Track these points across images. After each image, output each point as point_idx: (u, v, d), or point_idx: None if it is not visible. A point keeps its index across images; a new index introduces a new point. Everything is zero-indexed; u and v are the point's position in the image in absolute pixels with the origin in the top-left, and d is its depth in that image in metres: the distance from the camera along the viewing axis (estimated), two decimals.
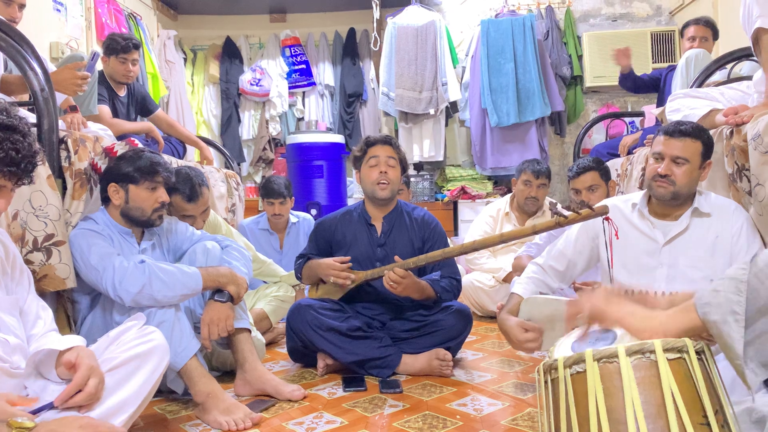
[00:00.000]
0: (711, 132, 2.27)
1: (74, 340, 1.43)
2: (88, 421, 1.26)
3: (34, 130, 1.56)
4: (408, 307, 2.52)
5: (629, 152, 3.67)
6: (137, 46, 3.45)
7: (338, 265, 2.44)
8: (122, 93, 3.52)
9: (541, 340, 1.98)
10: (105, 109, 3.25)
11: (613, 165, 3.41)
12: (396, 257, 2.35)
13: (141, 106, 3.70)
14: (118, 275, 1.91)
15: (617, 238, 2.04)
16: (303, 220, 3.86)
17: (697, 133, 1.97)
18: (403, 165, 2.59)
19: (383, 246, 2.54)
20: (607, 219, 1.99)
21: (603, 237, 2.12)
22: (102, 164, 2.23)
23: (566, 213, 1.91)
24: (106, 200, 2.17)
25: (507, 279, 3.47)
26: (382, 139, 2.56)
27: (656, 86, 4.04)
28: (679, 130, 1.96)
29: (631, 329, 1.03)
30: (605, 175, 2.93)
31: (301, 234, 3.80)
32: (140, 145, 2.45)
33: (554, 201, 3.42)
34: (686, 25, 3.80)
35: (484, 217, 3.78)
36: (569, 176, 3.02)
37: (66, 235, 1.99)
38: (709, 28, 3.71)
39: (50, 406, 1.30)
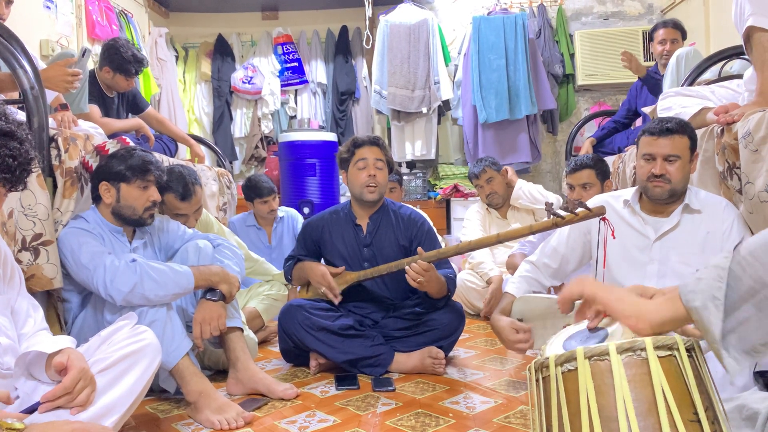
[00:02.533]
0: (702, 130, 2.28)
1: (64, 341, 1.42)
2: (80, 425, 1.25)
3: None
4: (400, 305, 2.52)
5: (620, 150, 3.69)
6: (146, 66, 3.44)
7: (330, 278, 2.43)
8: (112, 93, 3.50)
9: (532, 341, 1.99)
10: (95, 109, 3.22)
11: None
12: (419, 249, 2.31)
13: (132, 104, 3.68)
14: (110, 274, 1.90)
15: (614, 238, 2.05)
16: (287, 214, 3.93)
17: (682, 128, 2.00)
18: (390, 165, 2.58)
19: (369, 246, 2.53)
20: (603, 219, 2.00)
21: (597, 235, 2.12)
22: (93, 162, 2.22)
23: (563, 213, 1.91)
24: (97, 199, 2.16)
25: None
26: (369, 140, 2.54)
27: (635, 113, 4.04)
28: (666, 129, 1.98)
29: (618, 314, 1.05)
30: (602, 173, 2.94)
31: (287, 227, 3.85)
32: (132, 144, 2.44)
33: (550, 201, 3.47)
34: (655, 29, 3.83)
35: (474, 217, 3.80)
36: (566, 171, 3.04)
37: (54, 234, 1.98)
38: (678, 30, 3.75)
39: (39, 405, 1.30)
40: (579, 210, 1.88)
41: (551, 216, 1.93)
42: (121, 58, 3.23)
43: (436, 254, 2.30)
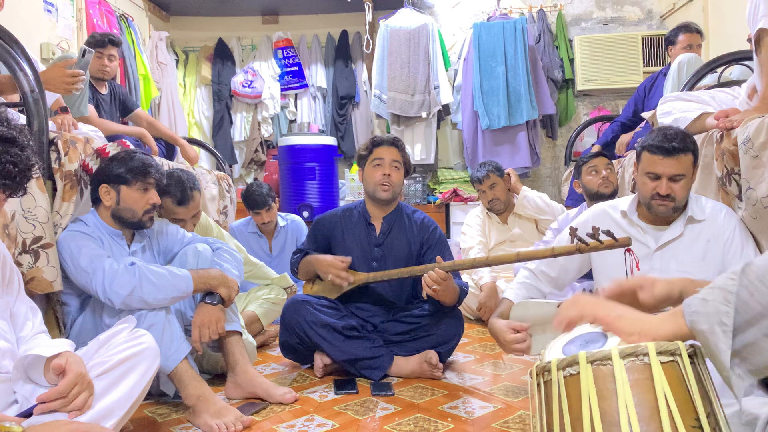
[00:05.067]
0: (701, 135, 2.28)
1: (62, 345, 1.42)
2: (77, 426, 1.25)
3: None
4: (401, 309, 2.52)
5: (619, 156, 3.69)
6: (114, 42, 3.43)
7: (339, 264, 2.42)
8: (104, 91, 3.49)
9: (530, 341, 1.97)
10: (92, 109, 3.22)
11: None
12: (438, 258, 2.30)
13: (122, 104, 3.67)
14: (108, 277, 1.90)
15: (638, 270, 2.02)
16: (291, 222, 3.84)
17: (686, 145, 1.94)
18: (407, 168, 2.58)
19: (381, 246, 2.53)
20: (629, 251, 1.97)
21: (623, 265, 2.09)
22: (93, 165, 2.22)
23: (588, 240, 1.87)
24: (96, 201, 2.16)
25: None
26: (389, 140, 2.55)
27: (636, 121, 4.03)
28: (673, 148, 1.92)
29: (621, 332, 1.03)
30: (611, 164, 3.19)
31: (290, 236, 3.79)
32: (132, 147, 2.43)
33: (575, 227, 3.48)
34: (677, 33, 3.80)
35: (473, 222, 3.80)
36: (582, 162, 3.19)
37: (54, 237, 1.98)
38: (699, 35, 3.75)
39: (34, 407, 1.29)
40: (604, 239, 1.85)
41: (575, 240, 1.90)
42: (89, 36, 3.42)
43: (451, 265, 2.28)
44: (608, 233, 1.83)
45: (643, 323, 1.01)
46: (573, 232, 1.88)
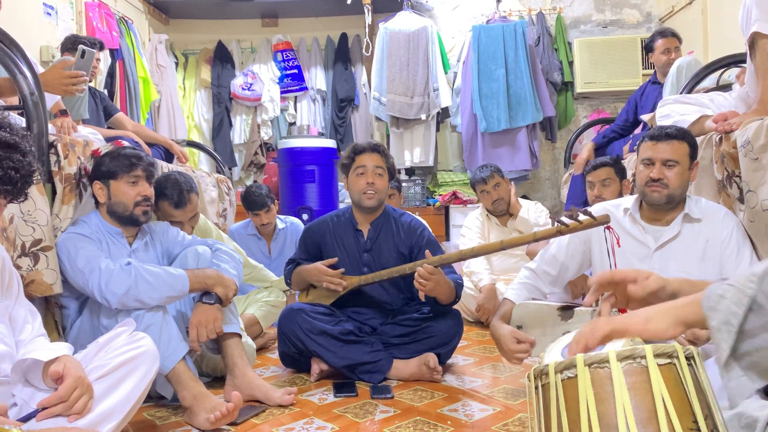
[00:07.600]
0: (700, 138, 2.29)
1: (60, 348, 1.42)
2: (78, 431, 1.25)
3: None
4: (399, 311, 2.52)
5: (620, 158, 3.69)
6: (102, 46, 3.43)
7: (328, 270, 2.43)
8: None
9: (531, 352, 1.98)
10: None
11: None
12: (426, 252, 2.30)
13: (104, 109, 3.65)
14: (104, 277, 1.90)
15: (618, 246, 2.04)
16: (290, 225, 3.83)
17: (682, 134, 2.01)
18: (391, 172, 2.58)
19: (369, 251, 2.53)
20: (608, 228, 1.99)
21: (600, 243, 2.11)
22: (90, 167, 2.23)
23: (567, 221, 1.90)
24: (96, 200, 2.17)
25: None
26: (370, 147, 2.54)
27: (633, 123, 4.02)
28: (666, 134, 2.00)
29: (651, 335, 1.02)
30: (620, 172, 3.05)
31: (289, 239, 3.78)
32: (125, 144, 2.42)
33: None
34: (653, 39, 3.83)
35: (473, 224, 3.80)
36: (585, 171, 3.13)
37: (53, 240, 1.98)
38: (677, 38, 3.78)
39: (36, 413, 1.29)
40: (583, 218, 1.87)
41: (555, 224, 1.92)
42: (74, 36, 3.37)
43: (438, 260, 2.29)
44: (586, 212, 1.85)
45: (658, 309, 1.03)
46: (553, 215, 1.91)
